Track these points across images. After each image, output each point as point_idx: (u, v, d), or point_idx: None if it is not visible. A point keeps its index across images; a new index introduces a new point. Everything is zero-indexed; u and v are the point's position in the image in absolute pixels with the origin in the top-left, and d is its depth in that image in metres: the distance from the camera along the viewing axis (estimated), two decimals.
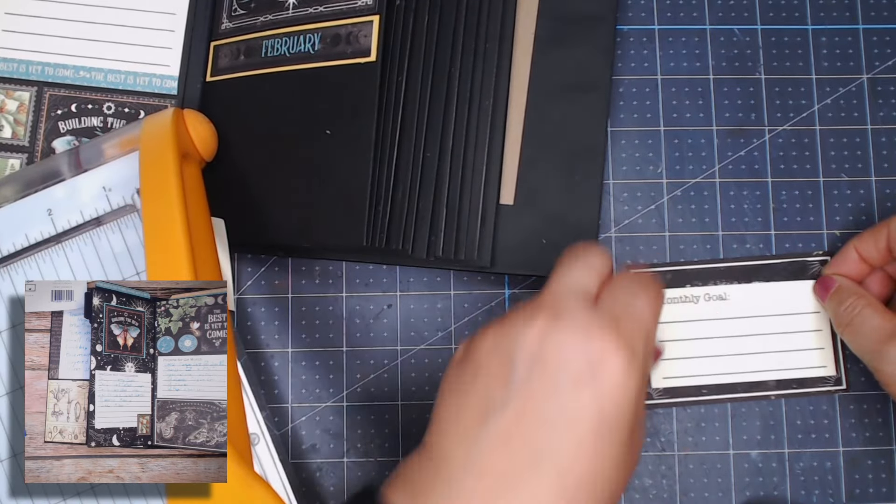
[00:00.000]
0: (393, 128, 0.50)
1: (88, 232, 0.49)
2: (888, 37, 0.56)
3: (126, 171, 0.48)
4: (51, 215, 0.48)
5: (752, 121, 0.55)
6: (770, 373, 0.52)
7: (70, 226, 0.48)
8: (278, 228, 0.51)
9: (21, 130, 0.54)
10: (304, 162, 0.51)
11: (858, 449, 0.53)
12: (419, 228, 0.51)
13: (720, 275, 0.54)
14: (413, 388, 0.54)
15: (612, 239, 0.55)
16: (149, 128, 0.47)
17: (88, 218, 0.48)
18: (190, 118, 0.50)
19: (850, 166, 0.55)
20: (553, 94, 0.53)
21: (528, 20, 0.53)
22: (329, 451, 0.53)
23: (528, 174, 0.52)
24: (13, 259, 0.49)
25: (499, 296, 0.54)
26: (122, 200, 0.48)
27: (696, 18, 0.56)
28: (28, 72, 0.55)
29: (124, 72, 0.55)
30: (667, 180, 0.55)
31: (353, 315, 0.54)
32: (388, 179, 0.50)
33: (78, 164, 0.48)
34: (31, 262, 0.49)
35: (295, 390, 0.54)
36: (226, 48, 0.55)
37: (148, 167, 0.44)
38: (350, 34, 0.51)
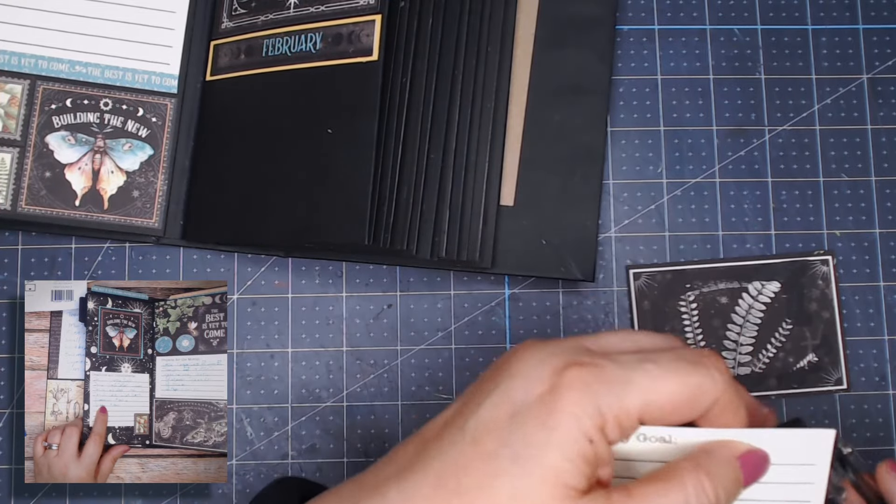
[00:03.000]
0: (397, 129, 0.50)
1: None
2: (888, 37, 0.56)
3: None
4: None
5: (752, 121, 0.55)
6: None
7: None
8: (278, 228, 0.51)
9: (13, 124, 0.54)
10: (304, 161, 0.51)
11: (858, 449, 0.53)
12: (423, 229, 0.51)
13: (720, 275, 0.54)
14: (413, 388, 0.54)
15: (612, 239, 0.55)
16: None
17: None
18: None
19: (850, 166, 0.55)
20: (553, 96, 0.53)
21: (529, 22, 0.53)
22: (329, 451, 0.53)
23: (528, 175, 0.52)
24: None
25: (499, 296, 0.54)
26: None
27: (696, 18, 0.56)
28: (20, 64, 0.54)
29: (122, 68, 0.55)
30: (667, 180, 0.55)
31: (353, 315, 0.54)
32: (392, 180, 0.50)
33: None
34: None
35: (295, 390, 0.54)
36: (226, 47, 0.54)
37: None
38: (352, 33, 0.51)
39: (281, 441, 0.53)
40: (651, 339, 0.32)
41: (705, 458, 0.29)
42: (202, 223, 0.53)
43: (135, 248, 0.55)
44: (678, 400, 0.29)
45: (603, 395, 0.28)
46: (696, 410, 0.30)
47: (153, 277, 0.54)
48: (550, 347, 0.30)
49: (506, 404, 0.29)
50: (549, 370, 0.29)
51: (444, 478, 0.29)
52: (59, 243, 0.54)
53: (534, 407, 0.29)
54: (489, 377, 0.31)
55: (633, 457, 0.31)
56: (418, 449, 0.31)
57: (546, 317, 0.54)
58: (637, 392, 0.29)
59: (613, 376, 0.29)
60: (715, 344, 0.54)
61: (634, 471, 0.31)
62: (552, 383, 0.29)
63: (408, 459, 0.31)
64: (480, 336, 0.54)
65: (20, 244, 0.54)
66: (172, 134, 0.55)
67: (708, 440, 0.30)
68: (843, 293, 0.54)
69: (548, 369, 0.29)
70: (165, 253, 0.55)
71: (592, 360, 0.29)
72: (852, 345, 0.54)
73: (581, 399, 0.28)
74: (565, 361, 0.29)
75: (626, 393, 0.29)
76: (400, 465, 0.31)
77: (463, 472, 0.29)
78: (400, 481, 0.30)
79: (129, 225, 0.54)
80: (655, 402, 0.29)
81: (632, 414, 0.29)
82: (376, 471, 0.31)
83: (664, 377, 0.29)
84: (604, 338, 0.32)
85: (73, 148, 0.54)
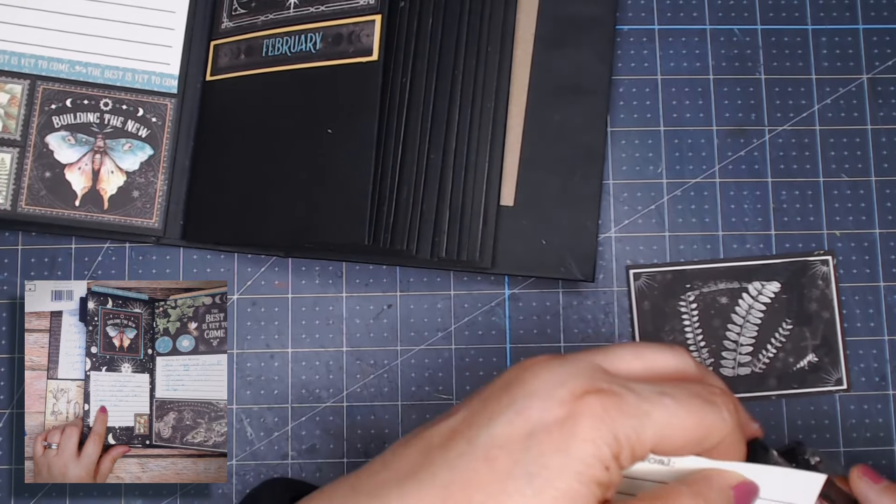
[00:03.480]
0: (397, 129, 0.50)
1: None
2: (888, 37, 0.56)
3: None
4: None
5: (752, 121, 0.55)
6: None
7: None
8: (278, 228, 0.51)
9: (12, 124, 0.54)
10: (305, 161, 0.51)
11: (859, 449, 0.53)
12: (423, 229, 0.51)
13: (720, 275, 0.54)
14: (413, 388, 0.54)
15: (612, 239, 0.55)
16: None
17: None
18: None
19: (850, 166, 0.55)
20: (553, 96, 0.53)
21: (529, 22, 0.53)
22: (329, 452, 0.53)
23: (528, 175, 0.52)
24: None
25: (499, 296, 0.54)
26: None
27: (696, 18, 0.56)
28: (20, 64, 0.54)
29: (122, 68, 0.55)
30: (667, 180, 0.55)
31: (353, 315, 0.54)
32: (392, 180, 0.50)
33: None
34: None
35: (295, 390, 0.54)
36: (226, 47, 0.54)
37: None
38: (352, 33, 0.51)
39: (281, 441, 0.53)
40: (663, 357, 0.33)
41: (704, 485, 0.31)
42: (202, 223, 0.53)
43: (135, 248, 0.55)
44: (690, 437, 0.30)
45: (621, 426, 0.29)
46: (703, 447, 0.31)
47: (153, 277, 0.54)
48: (569, 367, 0.31)
49: (522, 423, 0.29)
50: (569, 394, 0.29)
51: (452, 491, 0.29)
52: (59, 243, 0.54)
53: (552, 430, 0.29)
54: (502, 390, 0.31)
55: (630, 474, 0.32)
56: (422, 455, 0.30)
57: (546, 317, 0.54)
58: (654, 426, 0.29)
59: (633, 407, 0.29)
60: (715, 344, 0.54)
61: (631, 487, 0.32)
62: (572, 409, 0.29)
63: (410, 466, 0.30)
64: (480, 336, 0.54)
65: (20, 244, 0.54)
66: (172, 134, 0.55)
67: (705, 467, 0.31)
68: (843, 293, 0.54)
69: (567, 392, 0.30)
70: (165, 253, 0.55)
71: (611, 388, 0.30)
72: (852, 345, 0.54)
73: (599, 427, 0.29)
74: (585, 387, 0.30)
75: (644, 426, 0.29)
76: (401, 471, 0.30)
77: (473, 487, 0.29)
78: (402, 488, 0.29)
79: (129, 225, 0.54)
80: (669, 435, 0.30)
81: (646, 445, 0.29)
82: (372, 473, 0.31)
83: (680, 414, 0.30)
84: (616, 355, 0.32)
85: (73, 148, 0.54)
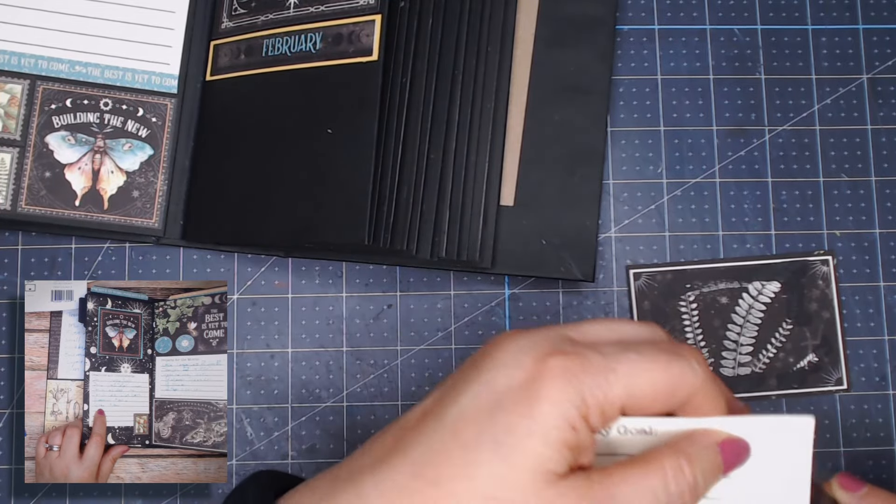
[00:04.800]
0: (397, 129, 0.50)
1: None
2: (888, 37, 0.56)
3: None
4: None
5: (752, 121, 0.55)
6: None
7: None
8: (278, 228, 0.51)
9: (12, 124, 0.54)
10: (305, 161, 0.51)
11: (859, 449, 0.53)
12: (423, 229, 0.51)
13: (720, 275, 0.54)
14: (413, 388, 0.54)
15: (612, 239, 0.55)
16: None
17: None
18: None
19: (850, 166, 0.55)
20: (553, 96, 0.53)
21: (529, 22, 0.53)
22: (329, 452, 0.53)
23: (528, 175, 0.52)
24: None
25: (499, 296, 0.54)
26: None
27: (696, 18, 0.56)
28: (20, 64, 0.54)
29: (122, 68, 0.55)
30: (667, 180, 0.55)
31: (353, 315, 0.54)
32: (392, 180, 0.50)
33: None
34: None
35: (295, 390, 0.54)
36: (226, 47, 0.54)
37: None
38: (352, 33, 0.51)
39: (281, 441, 0.53)
40: (633, 328, 0.32)
41: (686, 443, 0.30)
42: (202, 223, 0.53)
43: (135, 248, 0.55)
44: (660, 389, 0.29)
45: (586, 384, 0.28)
46: (677, 400, 0.30)
47: (153, 277, 0.54)
48: (533, 336, 0.30)
49: (487, 393, 0.29)
50: (532, 359, 0.29)
51: (421, 467, 0.29)
52: (59, 243, 0.54)
53: (516, 395, 0.29)
54: (470, 366, 0.31)
55: (614, 449, 0.31)
56: (396, 439, 0.30)
57: (546, 317, 0.54)
58: (620, 381, 0.29)
59: (596, 365, 0.29)
60: (715, 344, 0.54)
61: (616, 461, 0.31)
62: (534, 371, 0.29)
63: (384, 450, 0.30)
64: (480, 336, 0.54)
65: (20, 244, 0.54)
66: (172, 134, 0.55)
67: (689, 428, 0.30)
68: (843, 293, 0.54)
69: (530, 358, 0.29)
70: (165, 253, 0.55)
71: (575, 349, 0.29)
72: (852, 345, 0.54)
73: (564, 387, 0.28)
74: (548, 350, 0.29)
75: (609, 382, 0.29)
76: (376, 456, 0.30)
77: (442, 461, 0.28)
78: (375, 472, 0.29)
79: (129, 225, 0.54)
80: (638, 390, 0.29)
81: (614, 403, 0.29)
82: (351, 462, 0.31)
83: (646, 366, 0.29)
84: (586, 326, 0.32)
85: (73, 148, 0.54)
